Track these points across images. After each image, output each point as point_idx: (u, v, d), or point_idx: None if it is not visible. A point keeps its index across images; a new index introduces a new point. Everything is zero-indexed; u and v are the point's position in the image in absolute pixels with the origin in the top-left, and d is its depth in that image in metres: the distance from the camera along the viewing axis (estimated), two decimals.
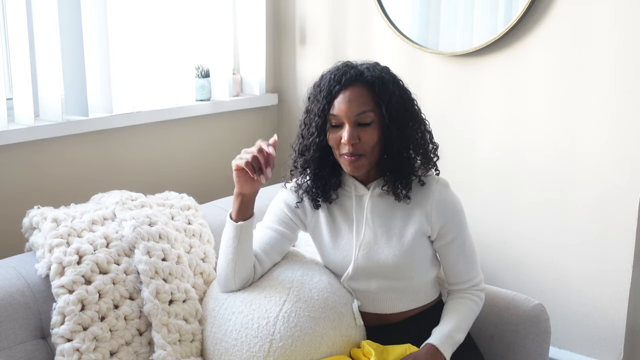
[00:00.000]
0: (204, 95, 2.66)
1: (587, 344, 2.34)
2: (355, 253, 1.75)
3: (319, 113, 1.67)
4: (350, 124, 1.65)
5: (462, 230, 1.78)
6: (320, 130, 1.68)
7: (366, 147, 1.66)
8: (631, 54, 2.14)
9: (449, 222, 1.75)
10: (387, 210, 1.76)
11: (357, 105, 1.65)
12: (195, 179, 2.65)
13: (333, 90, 1.66)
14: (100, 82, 2.29)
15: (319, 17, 2.81)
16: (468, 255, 1.80)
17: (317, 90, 1.70)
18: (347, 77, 1.66)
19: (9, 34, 2.06)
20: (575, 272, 2.34)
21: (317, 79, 1.73)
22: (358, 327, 1.76)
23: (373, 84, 1.66)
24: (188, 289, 1.78)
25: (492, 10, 2.44)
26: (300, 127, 1.77)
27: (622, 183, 2.21)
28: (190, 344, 1.73)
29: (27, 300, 1.63)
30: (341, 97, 1.65)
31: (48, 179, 2.20)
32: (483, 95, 2.46)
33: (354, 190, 1.77)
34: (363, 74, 1.66)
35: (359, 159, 1.67)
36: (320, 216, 1.81)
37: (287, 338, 1.64)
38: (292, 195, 1.83)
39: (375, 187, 1.76)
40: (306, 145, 1.73)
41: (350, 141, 1.64)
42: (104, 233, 1.75)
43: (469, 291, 1.82)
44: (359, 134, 1.65)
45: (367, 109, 1.65)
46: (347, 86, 1.65)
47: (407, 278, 1.76)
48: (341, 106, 1.65)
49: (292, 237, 1.85)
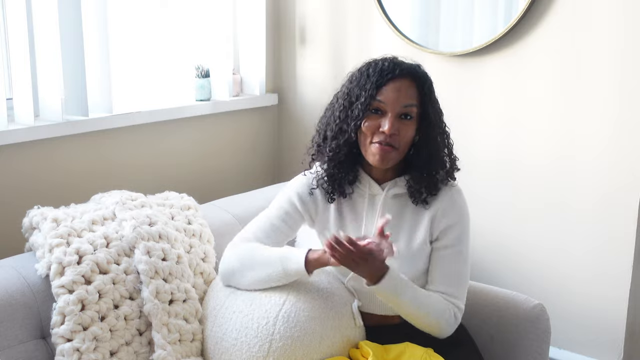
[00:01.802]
0: (204, 95, 2.66)
1: (587, 344, 2.34)
2: None
3: (366, 96, 1.66)
4: (394, 113, 1.66)
5: (460, 241, 1.75)
6: (364, 112, 1.67)
7: (401, 141, 1.67)
8: (632, 55, 2.14)
9: (451, 225, 1.74)
10: (398, 213, 1.75)
11: (406, 96, 1.66)
12: (195, 179, 2.65)
13: (386, 76, 1.66)
14: (100, 82, 2.29)
15: (319, 17, 2.81)
16: (456, 272, 1.73)
17: (363, 75, 1.70)
18: (402, 67, 1.68)
19: (9, 34, 2.05)
20: (576, 272, 2.34)
21: (362, 65, 1.73)
22: (357, 327, 1.75)
23: (424, 82, 1.69)
24: (188, 289, 1.78)
25: (492, 10, 2.44)
26: (332, 109, 1.75)
27: (622, 184, 2.21)
28: (190, 343, 1.73)
29: (27, 300, 1.63)
30: (392, 85, 1.66)
31: (48, 179, 2.20)
32: (483, 95, 2.46)
33: (368, 189, 1.77)
34: (414, 71, 1.69)
35: (391, 151, 1.67)
36: (330, 211, 1.80)
37: (286, 338, 1.64)
38: (307, 186, 1.81)
39: (390, 188, 1.75)
40: (342, 128, 1.71)
41: (391, 131, 1.64)
42: (104, 233, 1.75)
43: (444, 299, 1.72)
44: (399, 126, 1.66)
45: (414, 103, 1.68)
46: (400, 76, 1.67)
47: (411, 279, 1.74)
48: (390, 94, 1.66)
49: (291, 235, 1.84)
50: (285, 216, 1.81)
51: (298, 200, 1.81)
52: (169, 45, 2.58)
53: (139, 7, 2.44)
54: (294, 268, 1.66)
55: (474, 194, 2.51)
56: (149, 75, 2.52)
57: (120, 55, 2.32)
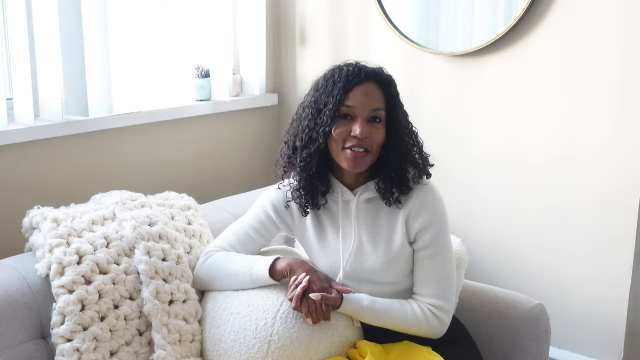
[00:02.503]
0: (204, 95, 2.66)
1: (587, 344, 2.34)
2: (343, 260, 1.74)
3: (334, 102, 1.65)
4: (364, 117, 1.65)
5: (437, 240, 1.71)
6: (332, 119, 1.65)
7: (373, 144, 1.67)
8: (632, 55, 2.14)
9: (426, 224, 1.70)
10: (373, 216, 1.74)
11: (374, 100, 1.66)
12: (195, 179, 2.65)
13: (352, 81, 1.66)
14: (100, 82, 2.29)
15: (319, 17, 2.81)
16: (438, 271, 1.72)
17: (329, 82, 1.69)
18: (366, 71, 1.67)
19: (9, 34, 2.05)
20: (576, 272, 2.34)
21: (327, 72, 1.72)
22: (355, 327, 1.75)
23: (389, 84, 1.70)
24: (188, 289, 1.78)
25: (492, 10, 2.44)
26: (300, 120, 1.73)
27: (622, 184, 2.21)
28: (190, 344, 1.73)
29: (27, 300, 1.63)
30: (359, 89, 1.66)
31: (48, 179, 2.20)
32: (483, 95, 2.46)
33: (341, 195, 1.75)
34: (378, 74, 1.69)
35: (365, 155, 1.66)
36: (307, 221, 1.80)
37: (285, 339, 1.64)
38: (282, 199, 1.81)
39: (362, 192, 1.74)
40: (312, 137, 1.69)
41: (362, 134, 1.63)
42: (104, 233, 1.75)
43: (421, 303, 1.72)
44: (370, 129, 1.65)
45: (381, 106, 1.68)
46: (365, 80, 1.66)
47: (396, 283, 1.75)
48: (358, 98, 1.65)
49: (265, 244, 1.86)
50: (260, 226, 1.82)
51: (273, 211, 1.82)
52: (169, 45, 2.58)
53: (139, 7, 2.44)
54: (261, 278, 1.71)
55: (474, 194, 2.51)
56: (149, 75, 2.52)
57: (120, 55, 2.32)
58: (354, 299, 1.69)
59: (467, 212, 2.50)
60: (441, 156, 1.79)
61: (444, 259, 1.72)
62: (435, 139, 1.76)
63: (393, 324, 1.70)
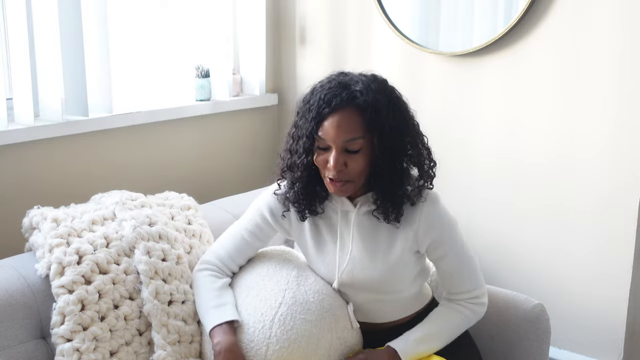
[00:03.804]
0: (204, 95, 2.66)
1: (587, 344, 2.34)
2: (339, 269, 1.73)
3: (307, 134, 1.59)
4: (338, 149, 1.56)
5: (453, 245, 1.71)
6: (307, 151, 1.61)
7: (352, 173, 1.59)
8: (632, 55, 2.14)
9: (437, 238, 1.69)
10: (373, 227, 1.70)
11: (346, 131, 1.55)
12: (195, 179, 2.65)
13: (322, 112, 1.57)
14: (100, 82, 2.29)
15: (319, 17, 2.81)
16: (464, 269, 1.74)
17: (306, 108, 1.62)
18: (337, 100, 1.56)
19: (9, 34, 2.05)
20: (575, 272, 2.34)
21: (308, 92, 1.65)
22: (354, 329, 1.75)
23: (365, 109, 1.55)
24: (187, 290, 1.78)
25: (492, 10, 2.44)
26: (288, 139, 1.69)
27: (622, 184, 2.20)
28: (189, 345, 1.73)
29: (27, 300, 1.63)
30: (330, 121, 1.56)
31: (48, 179, 2.20)
32: (483, 95, 2.46)
33: (340, 205, 1.72)
34: (355, 98, 1.56)
35: (345, 184, 1.60)
36: (305, 227, 1.77)
37: (283, 341, 1.63)
38: (279, 204, 1.77)
39: (363, 204, 1.69)
40: (294, 162, 1.66)
41: (336, 167, 1.57)
42: (104, 233, 1.75)
43: (462, 302, 1.76)
44: (346, 160, 1.57)
45: (357, 135, 1.56)
46: (336, 109, 1.56)
47: (393, 292, 1.74)
48: (329, 130, 1.56)
49: (262, 246, 1.85)
50: (257, 229, 1.80)
51: (270, 215, 1.78)
52: (169, 45, 2.58)
53: (139, 7, 2.44)
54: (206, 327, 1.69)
55: (474, 194, 2.51)
56: (149, 75, 2.52)
57: (120, 55, 2.32)
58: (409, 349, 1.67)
59: (467, 212, 2.50)
60: (441, 156, 1.78)
61: (466, 256, 1.75)
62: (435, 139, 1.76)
63: (451, 336, 1.74)
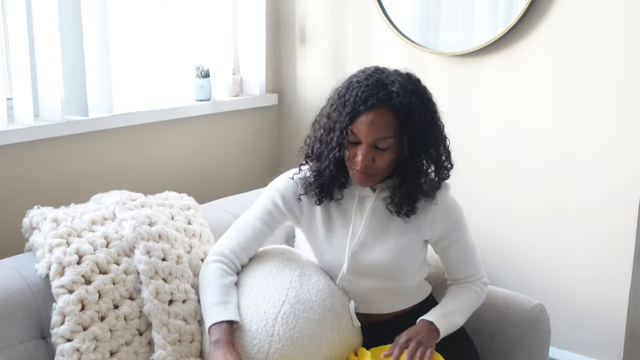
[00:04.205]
0: (204, 95, 2.66)
1: (587, 344, 2.34)
2: (349, 252, 1.75)
3: (341, 128, 1.64)
4: (367, 145, 1.63)
5: (462, 231, 1.81)
6: (340, 145, 1.65)
7: (379, 169, 1.67)
8: (632, 55, 2.14)
9: (449, 225, 1.78)
10: (387, 213, 1.75)
11: (378, 130, 1.62)
12: (195, 179, 2.65)
13: (358, 109, 1.62)
14: (100, 82, 2.29)
15: (319, 17, 2.81)
16: (469, 254, 1.84)
17: (341, 102, 1.66)
18: (373, 100, 1.61)
19: (9, 34, 2.05)
20: (576, 272, 2.34)
21: (343, 86, 1.69)
22: (355, 328, 1.76)
23: (399, 111, 1.62)
24: (187, 289, 1.78)
25: (492, 10, 2.44)
26: (316, 127, 1.74)
27: (622, 184, 2.20)
28: (189, 344, 1.73)
29: (27, 300, 1.63)
30: (364, 118, 1.62)
31: (48, 179, 2.20)
32: (483, 95, 2.46)
33: (358, 191, 1.77)
34: (391, 99, 1.62)
35: (369, 177, 1.68)
36: (317, 212, 1.80)
37: (285, 340, 1.64)
38: (294, 188, 1.80)
39: (382, 190, 1.75)
40: (323, 153, 1.71)
41: (364, 162, 1.64)
42: (104, 233, 1.75)
43: (469, 284, 1.85)
44: (374, 156, 1.65)
45: (388, 135, 1.63)
46: (372, 108, 1.62)
47: (397, 280, 1.77)
48: (362, 127, 1.62)
49: (271, 234, 1.85)
50: (267, 216, 1.80)
51: (281, 200, 1.80)
52: (169, 45, 2.58)
53: (139, 7, 2.44)
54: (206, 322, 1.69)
55: (474, 194, 2.51)
56: (149, 75, 2.52)
57: (120, 55, 2.32)
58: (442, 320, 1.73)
59: (467, 212, 2.47)
60: None
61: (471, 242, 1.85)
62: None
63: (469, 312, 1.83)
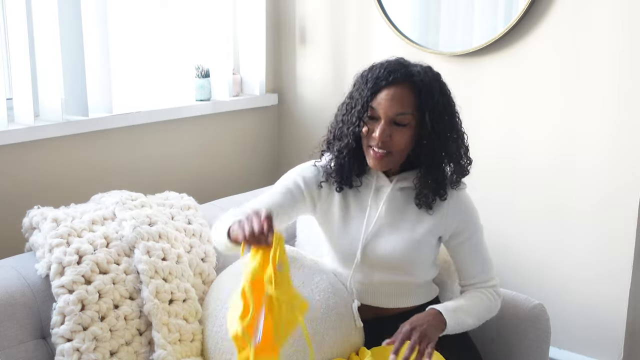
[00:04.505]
0: (204, 95, 2.66)
1: (587, 344, 2.34)
2: (363, 241, 1.76)
3: (362, 103, 1.68)
4: (386, 121, 1.66)
5: (477, 230, 1.80)
6: (359, 119, 1.69)
7: (395, 147, 1.68)
8: (632, 55, 2.14)
9: (463, 222, 1.78)
10: (403, 205, 1.77)
11: (398, 105, 1.65)
12: (195, 179, 2.65)
13: (379, 84, 1.66)
14: (100, 82, 2.29)
15: (319, 17, 2.81)
16: (483, 256, 1.81)
17: (363, 80, 1.71)
18: (395, 75, 1.66)
19: (9, 34, 2.05)
20: (576, 272, 2.34)
21: (366, 68, 1.73)
22: (358, 328, 1.76)
23: (420, 89, 1.66)
24: (188, 289, 1.78)
25: (492, 10, 2.44)
26: (339, 110, 1.78)
27: (622, 183, 2.21)
28: (190, 343, 1.73)
29: (27, 300, 1.63)
30: (385, 93, 1.66)
31: (48, 179, 2.20)
32: (483, 95, 2.46)
33: (375, 180, 1.78)
34: (412, 76, 1.67)
35: (385, 156, 1.68)
36: (335, 199, 1.81)
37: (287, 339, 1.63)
38: (316, 174, 1.81)
39: (399, 181, 1.77)
40: (343, 131, 1.74)
41: (381, 137, 1.65)
42: (104, 233, 1.75)
43: (481, 289, 1.81)
44: (392, 132, 1.66)
45: (407, 111, 1.66)
46: (393, 83, 1.66)
47: (408, 274, 1.77)
48: (382, 102, 1.66)
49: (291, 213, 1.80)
50: (288, 193, 1.80)
51: (303, 182, 1.81)
52: (169, 45, 2.58)
53: (139, 7, 2.44)
54: (223, 238, 1.66)
55: (474, 194, 2.50)
56: (149, 75, 2.52)
57: (120, 55, 2.32)
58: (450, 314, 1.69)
59: None
60: None
61: (484, 245, 1.82)
62: None
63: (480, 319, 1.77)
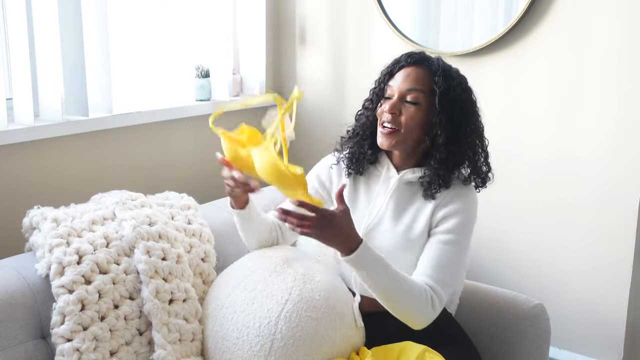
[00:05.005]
0: (204, 95, 2.66)
1: (587, 344, 2.34)
2: (364, 229, 1.78)
3: (379, 83, 1.78)
4: (398, 96, 1.71)
5: (457, 231, 1.70)
6: (377, 98, 1.77)
7: (403, 124, 1.70)
8: (631, 55, 2.15)
9: (451, 213, 1.71)
10: (407, 199, 1.79)
11: (411, 82, 1.71)
12: (195, 179, 2.65)
13: (398, 64, 1.75)
14: (100, 82, 2.29)
15: (319, 17, 2.81)
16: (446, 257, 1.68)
17: (385, 69, 1.79)
18: (413, 57, 1.74)
19: (9, 34, 2.05)
20: (576, 272, 2.34)
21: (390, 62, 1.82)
22: (358, 328, 1.76)
23: (435, 72, 1.71)
24: (188, 289, 1.78)
25: (492, 10, 2.44)
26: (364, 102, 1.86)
27: (622, 183, 2.21)
28: (190, 343, 1.73)
29: (27, 300, 1.63)
30: (401, 72, 1.74)
31: (48, 179, 2.20)
32: (483, 95, 2.44)
33: (385, 171, 1.81)
34: (431, 61, 1.74)
35: (393, 133, 1.71)
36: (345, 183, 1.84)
37: (288, 338, 1.64)
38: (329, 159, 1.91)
39: (406, 174, 1.78)
40: (362, 113, 1.83)
41: (391, 110, 1.70)
42: (104, 233, 1.75)
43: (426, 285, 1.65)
44: (402, 108, 1.71)
45: (419, 88, 1.70)
46: (411, 64, 1.74)
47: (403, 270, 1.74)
48: (397, 80, 1.73)
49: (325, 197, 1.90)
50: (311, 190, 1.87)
51: (317, 180, 1.90)
52: (169, 45, 2.58)
53: (139, 6, 2.44)
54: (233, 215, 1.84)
55: None
56: (149, 75, 2.52)
57: (120, 55, 2.33)
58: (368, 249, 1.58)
59: None
60: None
61: (457, 252, 1.70)
62: None
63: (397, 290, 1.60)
